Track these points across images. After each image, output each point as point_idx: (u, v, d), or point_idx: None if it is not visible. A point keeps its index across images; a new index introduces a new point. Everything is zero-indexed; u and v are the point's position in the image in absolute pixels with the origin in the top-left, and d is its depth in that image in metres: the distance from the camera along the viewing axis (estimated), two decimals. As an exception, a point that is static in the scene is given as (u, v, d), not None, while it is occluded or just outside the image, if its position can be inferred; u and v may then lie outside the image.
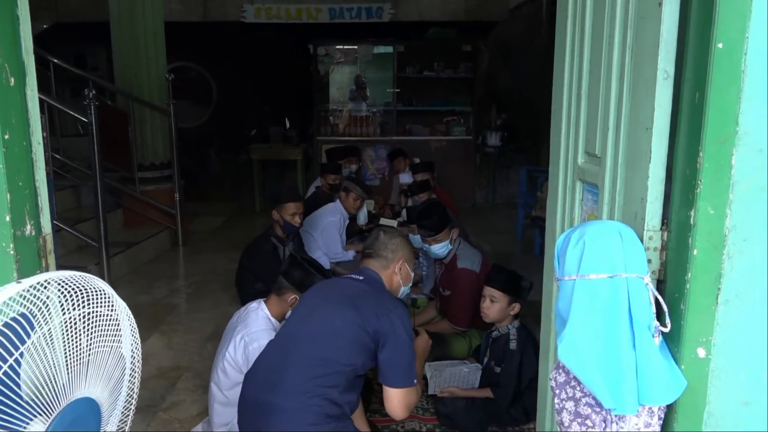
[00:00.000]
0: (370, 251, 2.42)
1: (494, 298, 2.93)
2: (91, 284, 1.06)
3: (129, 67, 6.18)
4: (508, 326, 2.96)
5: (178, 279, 5.36)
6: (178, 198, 6.26)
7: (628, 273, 1.36)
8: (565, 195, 2.04)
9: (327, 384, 2.09)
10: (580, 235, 1.38)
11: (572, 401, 1.35)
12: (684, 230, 1.40)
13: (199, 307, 4.57)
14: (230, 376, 2.63)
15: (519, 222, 6.64)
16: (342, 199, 5.08)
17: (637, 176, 1.53)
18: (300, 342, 2.19)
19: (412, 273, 2.49)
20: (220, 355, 2.71)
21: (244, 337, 2.62)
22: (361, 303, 2.18)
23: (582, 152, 1.90)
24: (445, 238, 3.53)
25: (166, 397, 3.25)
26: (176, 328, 4.17)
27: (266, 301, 2.74)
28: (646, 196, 1.47)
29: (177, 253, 6.15)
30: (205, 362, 3.60)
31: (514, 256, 5.91)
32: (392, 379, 2.14)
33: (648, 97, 1.46)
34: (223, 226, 7.37)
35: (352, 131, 8.35)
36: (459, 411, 2.87)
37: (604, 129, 1.71)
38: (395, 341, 2.13)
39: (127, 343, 1.15)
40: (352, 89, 8.56)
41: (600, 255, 1.36)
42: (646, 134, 1.47)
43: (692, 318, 1.38)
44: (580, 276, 1.36)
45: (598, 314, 1.34)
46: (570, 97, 1.98)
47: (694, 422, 1.42)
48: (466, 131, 8.44)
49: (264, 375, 2.20)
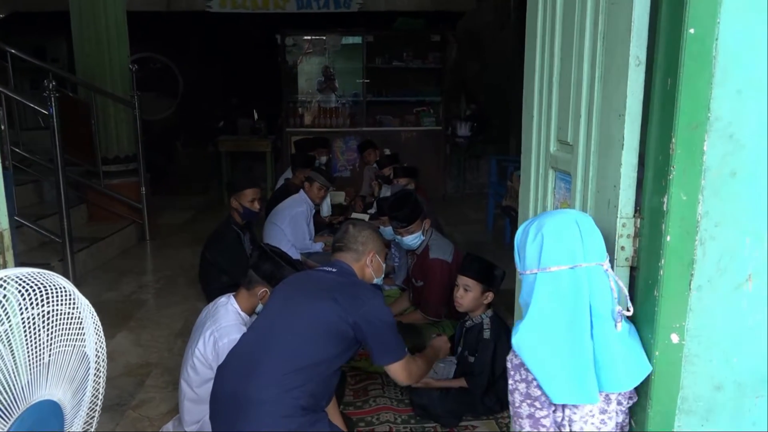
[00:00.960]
0: (341, 245, 2.42)
1: (468, 287, 2.93)
2: (52, 281, 1.01)
3: (91, 58, 6.00)
4: (482, 315, 2.97)
5: (145, 274, 5.25)
6: (144, 192, 6.13)
7: (587, 262, 1.37)
8: (537, 184, 2.04)
9: (303, 377, 2.07)
10: (538, 228, 1.40)
11: (524, 383, 1.38)
12: (657, 217, 1.40)
13: (168, 303, 4.48)
14: (200, 373, 2.58)
15: (489, 212, 6.67)
16: (306, 189, 5.02)
17: (609, 163, 1.53)
18: (274, 334, 2.17)
19: (384, 264, 2.50)
20: (190, 351, 2.65)
21: (214, 332, 2.57)
22: (339, 294, 2.18)
23: (554, 140, 1.90)
24: (417, 229, 3.52)
25: (136, 394, 3.18)
26: (145, 325, 4.08)
27: (235, 296, 2.69)
28: (619, 183, 1.48)
29: (144, 248, 6.03)
30: (174, 358, 3.53)
31: (485, 245, 5.93)
32: (387, 357, 2.23)
33: (620, 83, 1.46)
34: (191, 219, 7.25)
35: (322, 122, 8.27)
36: (434, 401, 2.87)
37: (576, 116, 1.71)
38: (375, 326, 2.17)
39: (90, 342, 1.10)
40: (320, 80, 8.48)
41: (559, 247, 1.38)
42: (619, 121, 1.47)
43: (666, 304, 1.39)
44: (541, 269, 1.37)
45: (559, 306, 1.36)
46: (541, 84, 1.98)
47: (667, 406, 1.44)
48: (436, 122, 8.42)
49: (237, 368, 2.17)
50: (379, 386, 3.20)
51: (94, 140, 5.92)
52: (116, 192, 6.08)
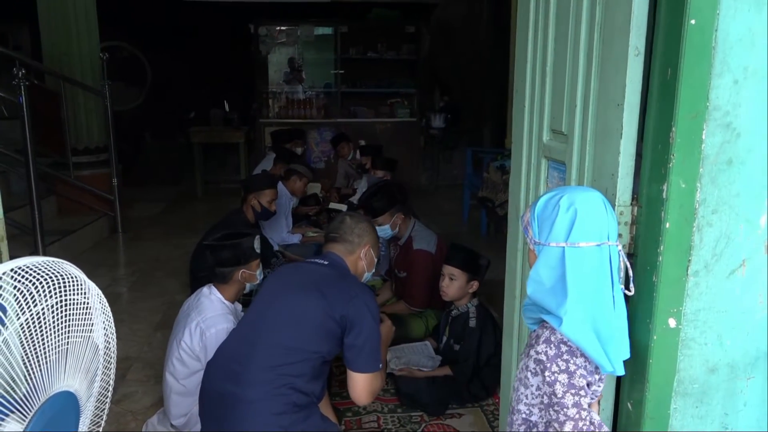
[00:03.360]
0: (335, 235, 2.38)
1: (453, 276, 2.96)
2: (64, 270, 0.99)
3: (58, 46, 5.85)
4: (467, 304, 3.00)
5: (119, 267, 5.17)
6: (116, 183, 6.02)
7: (611, 241, 1.39)
8: (529, 173, 2.05)
9: (292, 373, 2.05)
10: (570, 202, 1.39)
11: (566, 374, 1.37)
12: (655, 204, 1.43)
13: (145, 296, 4.43)
14: (188, 365, 2.56)
15: (465, 203, 6.71)
16: (286, 181, 4.95)
17: (607, 152, 1.55)
18: (263, 330, 2.14)
19: (376, 259, 2.47)
20: (174, 344, 2.62)
21: (200, 323, 2.55)
22: (327, 288, 2.14)
23: (547, 130, 1.92)
24: (386, 222, 3.52)
25: (117, 389, 3.12)
26: (122, 318, 4.02)
27: (217, 286, 2.67)
28: (617, 172, 1.50)
29: (117, 241, 5.94)
30: (155, 352, 3.50)
31: (462, 236, 5.96)
32: (358, 365, 2.12)
33: (619, 73, 1.48)
34: (163, 212, 7.15)
35: (295, 113, 8.21)
36: (420, 390, 2.89)
37: (572, 106, 1.72)
38: (362, 326, 2.10)
39: (100, 332, 1.08)
40: (286, 72, 8.40)
41: (591, 224, 1.38)
42: (617, 110, 1.49)
43: (664, 290, 1.42)
44: (570, 244, 1.37)
45: (589, 282, 1.37)
46: (534, 74, 1.98)
47: (664, 389, 1.48)
48: (411, 113, 8.43)
49: (226, 365, 2.14)
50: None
51: (64, 131, 5.78)
52: (87, 184, 5.96)
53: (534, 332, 1.54)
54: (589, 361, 1.38)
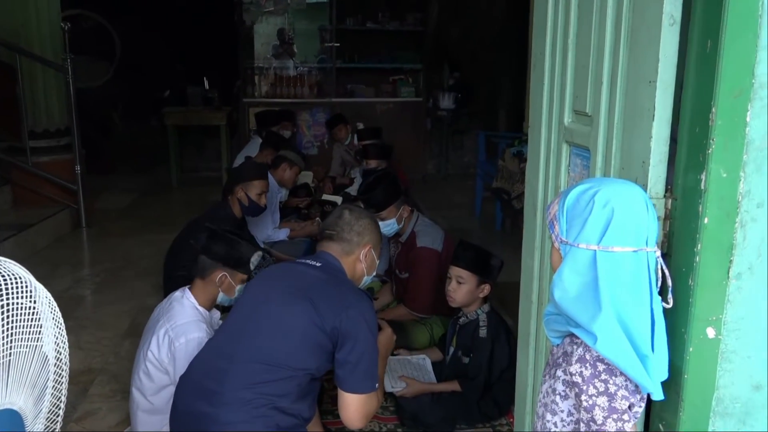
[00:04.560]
0: (331, 232, 2.33)
1: (461, 279, 2.94)
2: (6, 269, 0.97)
3: (13, 14, 5.82)
4: (477, 311, 2.99)
5: (83, 267, 5.17)
6: (79, 171, 6.01)
7: (650, 247, 1.37)
8: (548, 160, 2.04)
9: (275, 392, 2.03)
10: (606, 198, 1.36)
11: (605, 396, 1.35)
12: (692, 196, 1.41)
13: (112, 299, 4.43)
14: (155, 379, 2.55)
15: (477, 194, 6.71)
16: (274, 170, 4.92)
17: (637, 136, 1.53)
18: (242, 342, 2.12)
19: (378, 260, 2.44)
20: (142, 354, 2.62)
21: (169, 331, 2.54)
22: (317, 295, 2.11)
23: (569, 111, 1.91)
24: (391, 216, 3.51)
25: (78, 405, 3.14)
26: (85, 325, 4.03)
27: (191, 289, 2.66)
28: (649, 159, 1.48)
29: (80, 237, 5.93)
30: (122, 363, 3.49)
31: (474, 232, 5.98)
32: (351, 384, 2.09)
33: (651, 45, 1.47)
34: (134, 204, 7.15)
35: (285, 92, 8.20)
36: (423, 408, 2.88)
37: (597, 84, 1.71)
38: (356, 340, 2.07)
39: (50, 341, 1.07)
40: (275, 45, 8.38)
41: (629, 225, 1.35)
42: (649, 88, 1.48)
43: (701, 294, 1.41)
44: (603, 248, 1.35)
45: (626, 292, 1.34)
46: (554, 47, 1.97)
47: (701, 409, 1.46)
48: (416, 92, 8.42)
49: (200, 382, 2.12)
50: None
51: (20, 111, 5.76)
52: (46, 171, 5.96)
53: (559, 348, 1.52)
54: (629, 379, 1.37)
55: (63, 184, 6.02)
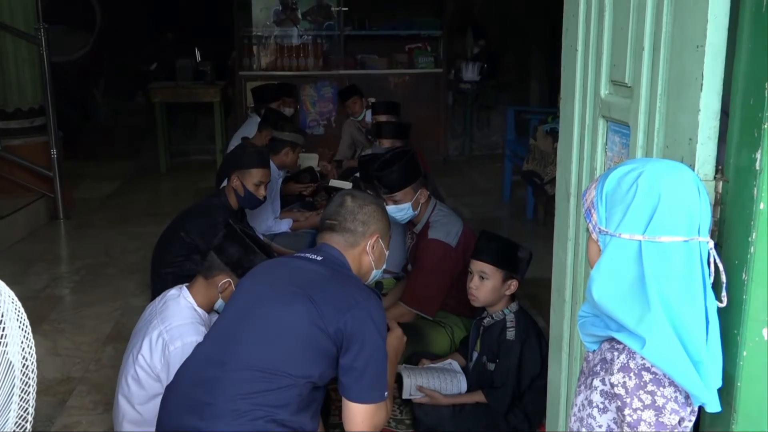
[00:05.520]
0: (333, 223, 2.33)
1: (484, 275, 2.94)
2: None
3: (-21, -22, 5.88)
4: (504, 311, 2.98)
5: (61, 263, 5.22)
6: (55, 155, 6.05)
7: (702, 236, 1.36)
8: (582, 138, 2.04)
9: (273, 402, 2.04)
10: (653, 181, 1.35)
11: (652, 410, 1.34)
12: (746, 178, 1.40)
13: (93, 300, 4.47)
14: (145, 387, 2.58)
15: (506, 178, 6.71)
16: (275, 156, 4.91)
17: (683, 109, 1.52)
18: (235, 347, 2.13)
19: (387, 251, 2.44)
20: (131, 359, 2.64)
21: (163, 334, 2.56)
22: (318, 294, 2.12)
23: (606, 81, 1.90)
24: (406, 200, 3.50)
25: (55, 418, 3.18)
26: (63, 329, 4.07)
27: (190, 287, 2.68)
28: (696, 136, 1.48)
29: (57, 229, 5.98)
30: (104, 371, 3.54)
31: (502, 222, 5.98)
32: (356, 393, 2.10)
33: (698, 6, 1.46)
34: (117, 192, 7.21)
35: (286, 64, 8.21)
36: (444, 420, 2.89)
37: (638, 50, 1.70)
38: (363, 344, 2.08)
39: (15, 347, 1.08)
40: (277, 11, 8.38)
41: (679, 212, 1.34)
42: (696, 54, 1.47)
43: (757, 291, 1.40)
44: (649, 237, 1.34)
45: (677, 289, 1.33)
46: (588, 9, 1.97)
47: (757, 421, 1.45)
48: (435, 63, 8.39)
49: (188, 392, 2.14)
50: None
51: (-12, 88, 5.83)
52: (18, 156, 6.01)
53: (596, 354, 1.51)
54: (679, 389, 1.36)
55: (37, 170, 6.07)
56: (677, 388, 1.36)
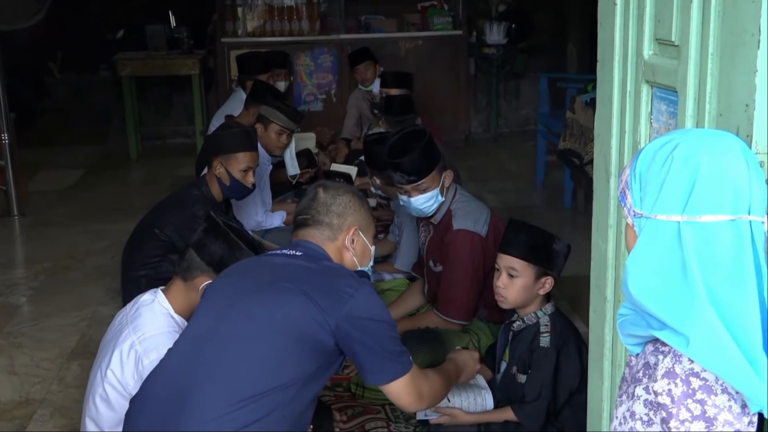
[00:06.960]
0: (305, 217, 2.44)
1: (514, 271, 2.95)
2: None
3: None
4: (537, 313, 3.00)
5: (15, 267, 5.26)
6: (7, 141, 6.10)
7: (754, 215, 1.36)
8: (623, 106, 2.05)
9: (260, 412, 2.09)
10: (690, 152, 1.36)
11: (702, 421, 1.35)
12: (812, 150, 1.42)
13: (54, 310, 4.50)
14: (116, 408, 2.61)
15: (539, 160, 6.71)
16: (258, 134, 4.92)
17: (738, 71, 1.54)
18: (216, 351, 2.19)
19: (372, 247, 2.54)
20: (98, 376, 2.68)
21: (135, 345, 2.59)
22: (310, 287, 2.19)
23: (650, 40, 1.91)
24: (434, 186, 3.50)
25: (14, 447, 3.23)
26: (20, 343, 4.11)
27: (166, 291, 2.71)
28: (754, 101, 1.49)
29: (11, 228, 6.04)
30: (69, 392, 3.58)
31: (534, 210, 5.98)
32: (385, 373, 2.26)
33: (755, -53, 1.47)
34: (80, 183, 7.23)
35: (276, 28, 8.18)
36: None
37: (686, 2, 1.72)
38: (372, 326, 2.21)
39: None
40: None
41: (722, 187, 1.35)
42: (752, 6, 1.48)
43: (825, 283, 1.42)
44: (689, 217, 1.35)
45: (725, 276, 1.33)
46: (628, -45, 1.98)
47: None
48: (454, 24, 8.36)
49: (159, 405, 2.18)
50: (382, 422, 3.28)
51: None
52: (-36, 143, 6.05)
53: (639, 359, 1.53)
54: (734, 398, 1.37)
55: (-14, 159, 6.12)
56: (732, 396, 1.36)
